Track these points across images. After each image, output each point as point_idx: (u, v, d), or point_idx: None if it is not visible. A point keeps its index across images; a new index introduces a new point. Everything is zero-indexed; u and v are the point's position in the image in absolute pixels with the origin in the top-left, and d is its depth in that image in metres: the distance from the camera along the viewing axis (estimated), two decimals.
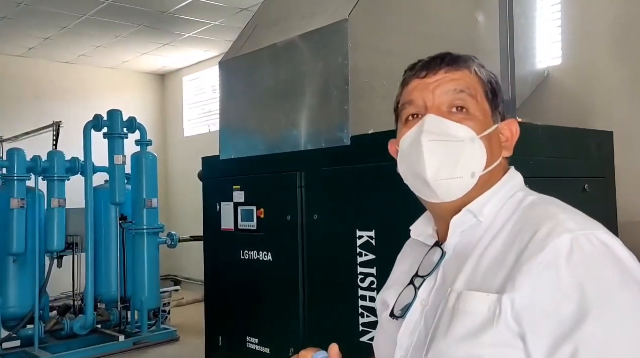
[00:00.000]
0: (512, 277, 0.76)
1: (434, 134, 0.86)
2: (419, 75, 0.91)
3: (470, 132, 0.86)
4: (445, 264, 0.88)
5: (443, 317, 0.82)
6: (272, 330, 2.55)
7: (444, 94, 0.88)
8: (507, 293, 0.75)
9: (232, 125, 2.88)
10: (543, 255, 0.74)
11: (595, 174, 2.32)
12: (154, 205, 5.04)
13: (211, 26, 6.13)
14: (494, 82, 0.93)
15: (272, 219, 2.53)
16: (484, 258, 0.82)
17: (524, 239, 0.78)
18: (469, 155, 0.86)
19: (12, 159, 4.67)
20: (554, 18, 3.30)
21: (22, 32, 6.19)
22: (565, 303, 0.72)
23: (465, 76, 0.90)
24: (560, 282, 0.73)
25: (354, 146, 2.21)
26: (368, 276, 2.11)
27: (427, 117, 0.87)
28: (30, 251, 4.64)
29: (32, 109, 7.07)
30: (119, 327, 5.03)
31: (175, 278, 7.77)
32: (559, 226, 0.77)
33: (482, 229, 0.86)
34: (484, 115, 0.89)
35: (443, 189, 0.87)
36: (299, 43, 2.49)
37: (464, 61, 0.92)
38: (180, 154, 8.09)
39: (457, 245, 0.88)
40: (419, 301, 0.88)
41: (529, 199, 0.87)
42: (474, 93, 0.89)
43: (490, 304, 0.76)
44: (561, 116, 3.02)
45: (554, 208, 0.83)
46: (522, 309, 0.74)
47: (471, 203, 0.88)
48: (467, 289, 0.81)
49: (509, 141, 0.93)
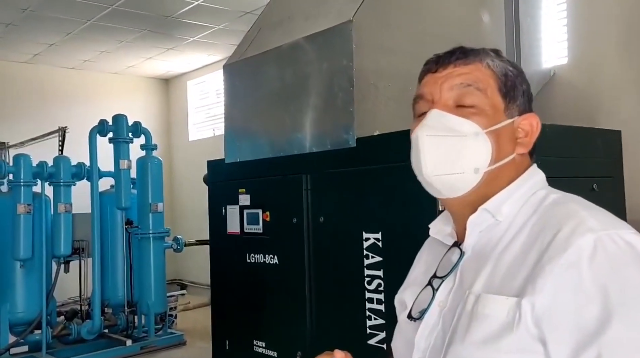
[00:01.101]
0: (532, 279, 0.74)
1: (434, 129, 0.85)
2: (431, 69, 0.91)
3: (474, 127, 0.84)
4: (464, 265, 0.86)
5: (461, 320, 0.80)
6: (279, 334, 2.54)
7: (451, 88, 0.87)
8: (527, 296, 0.73)
9: (237, 128, 2.87)
10: (565, 256, 0.72)
11: (604, 173, 2.30)
12: (160, 210, 5.05)
13: (215, 30, 6.15)
14: (511, 75, 0.90)
15: (278, 223, 2.52)
16: (503, 259, 0.80)
17: (545, 239, 0.76)
18: (472, 150, 0.84)
19: (18, 165, 4.68)
20: (560, 17, 3.28)
21: (27, 38, 6.22)
22: (588, 306, 0.69)
23: (475, 70, 0.88)
24: (582, 284, 0.70)
25: (360, 147, 2.20)
26: (375, 279, 2.10)
27: (431, 112, 0.86)
28: (38, 256, 4.65)
29: (37, 114, 7.11)
30: (126, 331, 5.03)
31: (182, 282, 7.78)
32: (581, 226, 0.74)
33: (502, 229, 0.84)
34: (494, 109, 0.87)
35: (444, 185, 0.85)
36: (304, 45, 2.48)
37: (475, 55, 0.89)
38: (185, 159, 8.11)
39: (475, 245, 0.86)
40: (437, 303, 0.86)
41: (551, 197, 0.84)
42: (483, 87, 0.86)
43: (509, 308, 0.74)
44: (568, 116, 2.99)
45: (576, 206, 0.80)
46: (542, 313, 0.71)
47: (487, 202, 0.85)
48: (486, 292, 0.79)
49: (528, 137, 0.89)
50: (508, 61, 0.92)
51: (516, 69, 0.92)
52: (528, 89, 0.92)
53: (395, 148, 1.89)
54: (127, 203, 4.91)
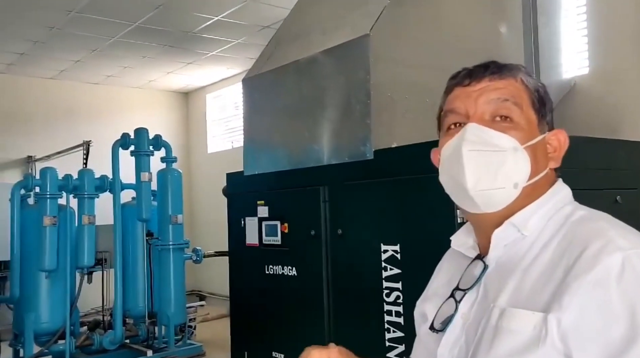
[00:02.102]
0: (559, 295, 0.73)
1: (474, 144, 0.84)
2: (462, 83, 0.90)
3: (513, 142, 0.84)
4: (487, 278, 0.85)
5: (485, 334, 0.80)
6: (298, 346, 2.53)
7: (487, 103, 0.86)
8: (553, 312, 0.73)
9: (256, 141, 2.91)
10: (593, 274, 0.72)
11: (627, 185, 2.26)
12: (180, 221, 5.10)
13: (234, 44, 6.25)
14: (541, 91, 0.90)
15: (296, 234, 2.53)
16: (529, 273, 0.80)
17: (573, 255, 0.76)
18: (512, 165, 0.83)
19: (44, 178, 4.79)
20: (580, 27, 3.25)
21: (53, 55, 6.41)
22: (615, 324, 0.69)
23: (510, 85, 0.88)
24: (610, 302, 0.70)
25: (377, 160, 2.20)
26: (394, 291, 2.09)
27: (469, 126, 0.85)
28: (62, 267, 4.72)
29: (63, 129, 7.29)
30: (146, 342, 5.07)
31: (201, 293, 7.83)
32: (610, 244, 0.74)
33: (527, 243, 0.83)
34: (530, 125, 0.87)
35: (484, 200, 0.84)
36: (321, 59, 2.51)
37: (509, 70, 0.90)
38: (204, 171, 8.20)
39: (499, 259, 0.86)
40: (460, 315, 0.86)
41: (578, 214, 0.84)
42: (519, 102, 0.86)
43: (536, 323, 0.74)
44: (590, 127, 2.95)
45: (604, 224, 0.80)
46: (569, 329, 0.71)
47: (514, 216, 0.85)
48: (511, 306, 0.78)
49: (557, 152, 0.89)
50: (535, 77, 0.93)
51: (543, 85, 0.92)
52: (552, 106, 0.93)
53: (412, 160, 1.89)
54: (147, 215, 4.97)
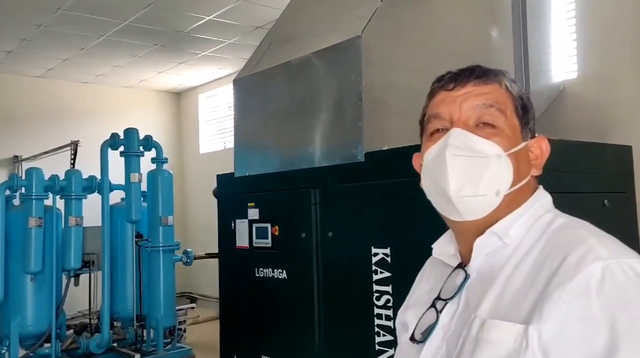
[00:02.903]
0: (539, 306, 0.73)
1: (458, 149, 0.83)
2: (446, 87, 0.88)
3: (497, 149, 0.83)
4: (469, 288, 0.85)
5: (466, 345, 0.79)
6: (287, 349, 2.52)
7: (472, 108, 0.85)
8: (534, 323, 0.72)
9: (247, 142, 2.89)
10: (573, 284, 0.71)
11: (615, 189, 2.27)
12: (170, 223, 5.06)
13: (226, 44, 6.22)
14: (525, 98, 0.89)
15: (286, 237, 2.52)
16: (510, 284, 0.79)
17: (553, 265, 0.75)
18: (495, 172, 0.83)
19: (30, 178, 4.72)
20: (569, 31, 3.27)
21: (41, 53, 6.34)
22: (595, 335, 0.68)
23: (495, 90, 0.87)
24: (590, 313, 0.69)
25: (369, 162, 2.20)
26: (384, 295, 2.08)
27: (453, 131, 0.84)
28: (48, 269, 4.65)
29: (50, 128, 7.21)
30: (135, 345, 5.01)
31: (191, 295, 7.77)
32: (590, 254, 0.73)
33: (508, 252, 0.83)
34: (513, 131, 0.86)
35: (466, 207, 0.83)
36: (313, 60, 2.50)
37: (495, 75, 0.89)
38: (196, 172, 8.16)
39: (481, 268, 0.85)
40: (441, 326, 0.85)
41: (558, 221, 0.83)
42: (504, 108, 0.86)
43: (516, 335, 0.73)
44: (578, 131, 2.97)
45: (584, 232, 0.79)
46: (550, 341, 0.71)
47: (496, 225, 0.84)
48: (492, 317, 0.77)
49: (539, 159, 0.89)
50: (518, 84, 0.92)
51: (526, 92, 0.92)
52: (534, 113, 0.92)
53: (404, 163, 1.88)
54: (137, 216, 4.93)
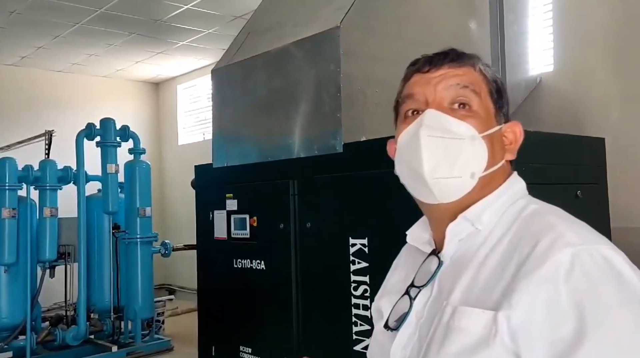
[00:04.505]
0: (509, 293, 0.73)
1: (433, 130, 0.82)
2: (421, 70, 0.88)
3: (471, 130, 0.83)
4: (442, 274, 0.84)
5: (437, 332, 0.79)
6: (266, 340, 2.52)
7: (446, 89, 0.85)
8: (503, 310, 0.72)
9: (225, 133, 2.87)
10: (542, 271, 0.71)
11: (588, 180, 2.32)
12: (148, 214, 5.01)
13: (205, 34, 6.14)
14: (499, 82, 0.90)
15: (265, 228, 2.51)
16: (481, 270, 0.79)
17: (523, 252, 0.75)
18: (469, 154, 0.82)
19: (3, 168, 4.62)
20: (546, 25, 3.32)
21: (14, 41, 6.17)
22: (563, 322, 0.69)
23: (469, 73, 0.87)
24: (558, 300, 0.70)
25: (347, 153, 2.20)
26: (361, 285, 2.10)
27: (427, 112, 0.84)
28: (22, 261, 4.59)
29: (25, 118, 7.04)
30: (112, 337, 4.97)
31: (170, 287, 7.72)
32: (559, 240, 0.73)
33: (481, 238, 0.83)
34: (487, 114, 0.86)
35: (440, 189, 0.82)
36: (292, 50, 2.49)
37: (469, 58, 0.89)
38: (175, 163, 8.07)
39: (454, 254, 0.85)
40: (414, 313, 0.85)
41: (531, 208, 0.83)
42: (478, 90, 0.86)
43: (486, 322, 0.73)
44: (554, 123, 3.02)
45: (554, 219, 0.79)
46: (518, 327, 0.71)
47: (468, 210, 0.84)
48: (463, 304, 0.78)
49: (513, 144, 0.89)
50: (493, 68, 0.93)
51: (500, 78, 0.92)
52: (509, 99, 0.92)
53: (382, 154, 1.88)
54: (114, 208, 4.87)
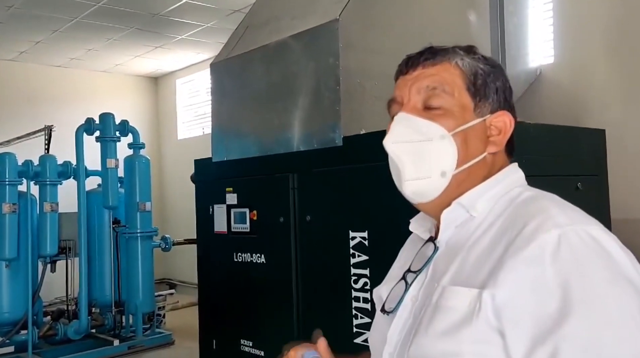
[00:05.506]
0: (495, 272, 0.74)
1: (398, 135, 0.86)
2: (402, 71, 0.91)
3: (440, 130, 0.84)
4: (437, 259, 0.86)
5: (427, 312, 0.81)
6: (266, 333, 2.53)
7: (418, 91, 0.87)
8: (488, 288, 0.73)
9: (224, 127, 2.86)
10: (529, 250, 0.72)
11: (588, 172, 2.32)
12: (148, 209, 5.01)
13: (204, 28, 6.12)
14: (481, 74, 0.88)
15: (265, 222, 2.51)
16: (471, 252, 0.81)
17: (513, 233, 0.76)
18: (437, 154, 0.84)
19: (3, 163, 4.62)
20: (547, 17, 3.30)
21: (13, 36, 6.15)
22: (547, 300, 0.69)
23: (444, 71, 0.87)
24: (544, 279, 0.70)
25: (346, 146, 2.20)
26: (361, 278, 2.10)
27: (397, 116, 0.88)
28: (23, 256, 4.60)
29: (24, 113, 7.03)
30: (113, 331, 4.99)
31: (171, 281, 7.74)
32: (548, 221, 0.74)
33: (475, 224, 0.84)
34: (463, 110, 0.86)
35: (413, 191, 0.86)
36: (291, 44, 2.48)
37: (444, 55, 0.89)
38: (174, 157, 8.06)
39: (450, 240, 0.86)
40: (409, 297, 0.86)
41: (525, 195, 0.84)
42: (450, 89, 0.86)
43: (471, 299, 0.74)
44: (554, 115, 3.02)
45: (548, 203, 0.80)
46: (502, 305, 0.72)
47: (462, 196, 0.85)
48: (452, 284, 0.79)
49: (502, 135, 0.88)
50: (480, 57, 0.90)
51: (489, 65, 0.90)
52: (504, 86, 0.90)
53: (381, 147, 1.88)
54: (114, 202, 4.87)
